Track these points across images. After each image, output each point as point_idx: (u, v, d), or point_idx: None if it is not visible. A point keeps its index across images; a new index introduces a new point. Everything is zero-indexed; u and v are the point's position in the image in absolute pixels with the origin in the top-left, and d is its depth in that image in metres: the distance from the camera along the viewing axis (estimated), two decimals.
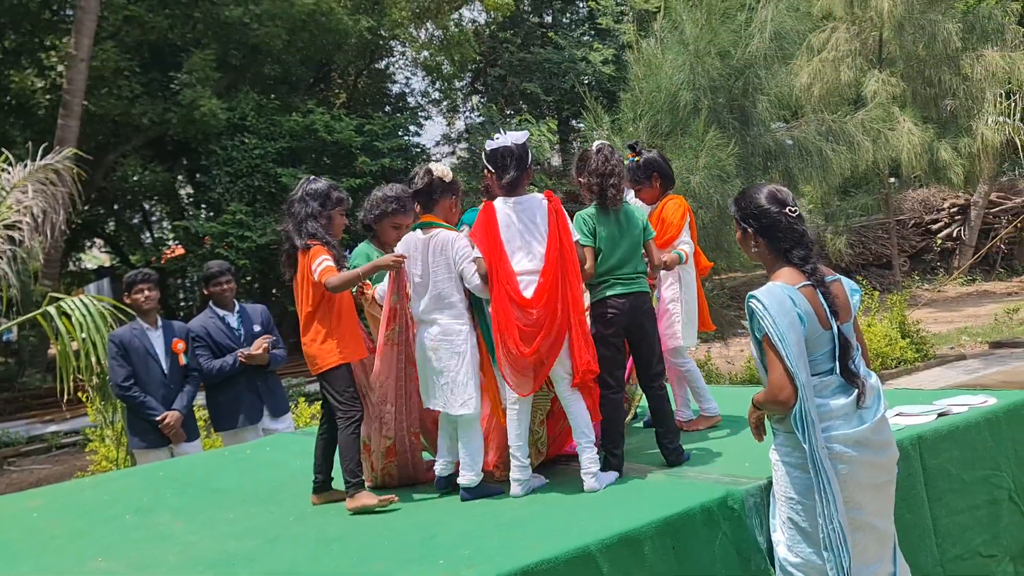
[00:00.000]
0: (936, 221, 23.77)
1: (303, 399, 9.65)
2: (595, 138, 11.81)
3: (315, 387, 15.20)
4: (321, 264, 3.84)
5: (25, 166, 8.56)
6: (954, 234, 23.42)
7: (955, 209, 23.53)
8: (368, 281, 4.24)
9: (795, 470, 3.10)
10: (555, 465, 4.24)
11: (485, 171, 4.12)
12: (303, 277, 3.95)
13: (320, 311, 3.95)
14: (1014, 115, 18.08)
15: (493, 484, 3.95)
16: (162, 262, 22.80)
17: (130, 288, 5.99)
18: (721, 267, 12.41)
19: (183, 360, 6.03)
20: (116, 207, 25.95)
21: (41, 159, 8.69)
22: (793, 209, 3.16)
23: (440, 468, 4.02)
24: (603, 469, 3.85)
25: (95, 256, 31.97)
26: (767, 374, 3.10)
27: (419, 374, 4.03)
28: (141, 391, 5.85)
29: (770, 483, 3.44)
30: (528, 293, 3.79)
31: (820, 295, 3.11)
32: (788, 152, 11.33)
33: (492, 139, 4.04)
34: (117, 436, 7.55)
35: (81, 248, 27.74)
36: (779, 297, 3.05)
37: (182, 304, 25.86)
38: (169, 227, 25.93)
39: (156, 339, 5.98)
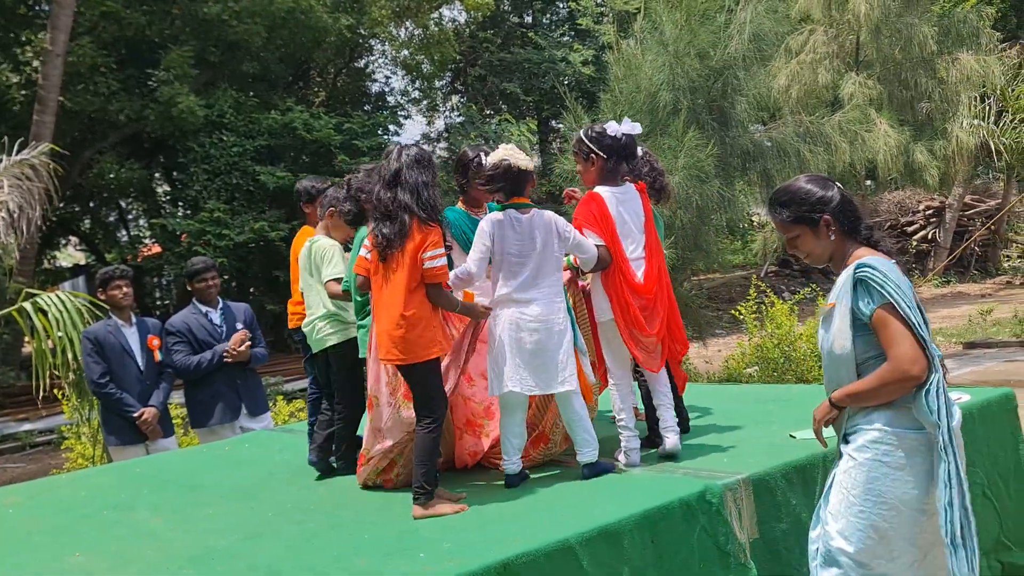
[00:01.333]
0: (912, 223, 24.02)
1: (281, 398, 9.61)
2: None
3: (293, 386, 15.17)
4: (438, 261, 3.62)
5: (0, 161, 8.48)
6: (929, 236, 23.66)
7: (930, 211, 23.78)
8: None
9: (896, 471, 2.83)
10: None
11: (591, 156, 4.07)
12: (412, 252, 3.61)
13: (419, 295, 3.64)
14: (988, 118, 18.32)
15: (605, 460, 3.96)
16: (138, 260, 22.62)
17: (106, 284, 5.94)
18: (699, 268, 12.48)
19: (158, 356, 6.00)
20: (92, 204, 25.69)
21: (17, 154, 8.60)
22: (841, 185, 3.03)
23: (514, 466, 3.89)
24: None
25: (70, 254, 31.64)
26: (874, 355, 2.82)
27: (494, 360, 3.84)
28: (117, 388, 5.81)
29: (748, 480, 3.48)
30: (639, 278, 4.02)
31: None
32: (766, 153, 11.41)
33: (604, 126, 4.08)
34: (93, 433, 7.50)
35: (56, 246, 27.44)
36: (889, 265, 2.85)
37: (158, 303, 25.66)
38: (146, 225, 25.70)
39: (131, 336, 5.95)
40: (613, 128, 4.06)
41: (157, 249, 21.58)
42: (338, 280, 4.44)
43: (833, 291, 2.93)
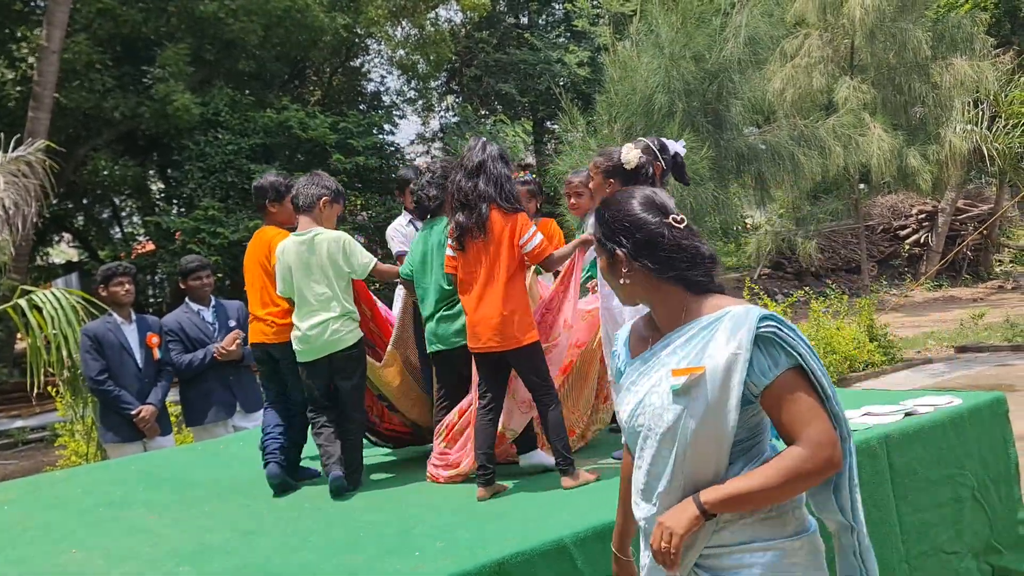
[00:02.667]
0: (904, 227, 24.12)
1: None
2: (570, 140, 11.90)
3: None
4: (536, 237, 3.82)
5: None
6: (922, 240, 23.76)
7: (923, 215, 23.88)
8: None
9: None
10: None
11: (655, 161, 4.05)
12: (501, 242, 3.79)
13: (517, 281, 3.81)
14: (981, 123, 18.36)
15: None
16: (132, 257, 22.59)
17: (108, 281, 5.93)
18: None
19: (157, 354, 6.00)
20: (85, 201, 25.64)
21: (12, 151, 8.60)
22: (679, 218, 2.18)
23: None
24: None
25: (63, 251, 31.56)
26: (745, 439, 2.10)
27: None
28: (115, 385, 5.82)
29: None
30: None
31: None
32: (761, 156, 11.48)
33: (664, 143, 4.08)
34: (87, 431, 7.50)
35: (49, 243, 27.37)
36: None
37: (151, 300, 25.61)
38: (139, 222, 25.67)
39: (130, 333, 5.95)
40: (672, 145, 4.10)
41: (151, 246, 21.54)
42: (378, 259, 4.38)
43: (692, 348, 2.09)
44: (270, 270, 4.42)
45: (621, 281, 2.18)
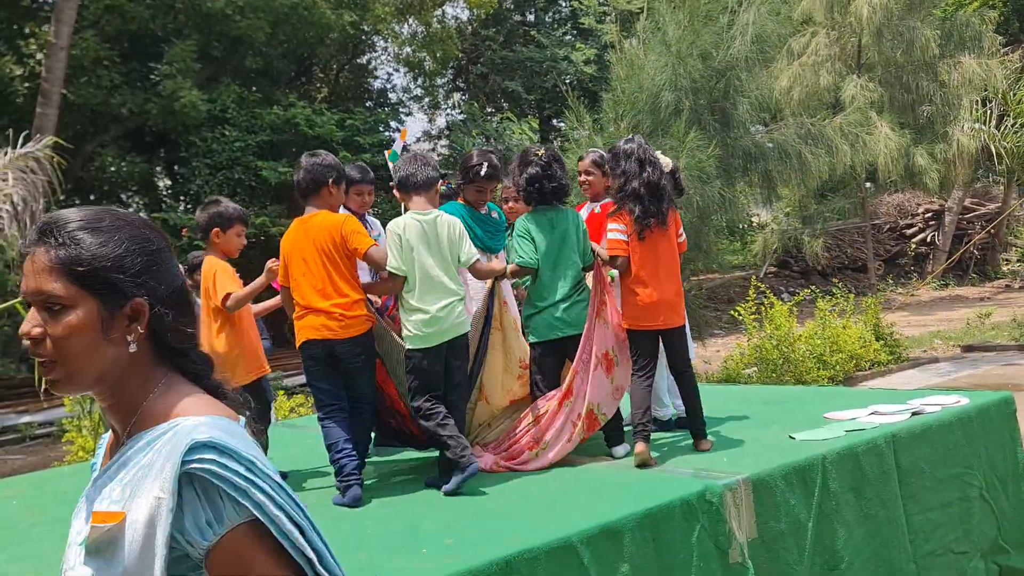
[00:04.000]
0: (911, 226, 24.08)
1: (282, 393, 9.65)
2: (576, 138, 11.90)
3: (293, 381, 15.19)
4: (683, 235, 4.51)
5: (5, 154, 8.51)
6: (928, 239, 23.72)
7: (930, 214, 23.84)
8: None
9: None
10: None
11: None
12: (675, 230, 4.41)
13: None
14: (989, 122, 18.35)
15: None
16: None
17: None
18: (699, 268, 12.52)
19: None
20: (93, 197, 25.67)
21: (21, 147, 8.64)
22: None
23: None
24: None
25: None
26: None
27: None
28: None
29: (747, 480, 3.50)
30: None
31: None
32: (768, 154, 11.45)
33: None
34: (94, 426, 7.53)
35: None
36: (246, 438, 1.43)
37: None
38: (147, 219, 25.73)
39: None
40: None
41: None
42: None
43: (119, 481, 1.42)
44: (338, 257, 4.03)
45: (126, 347, 1.42)
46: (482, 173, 4.47)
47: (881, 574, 3.82)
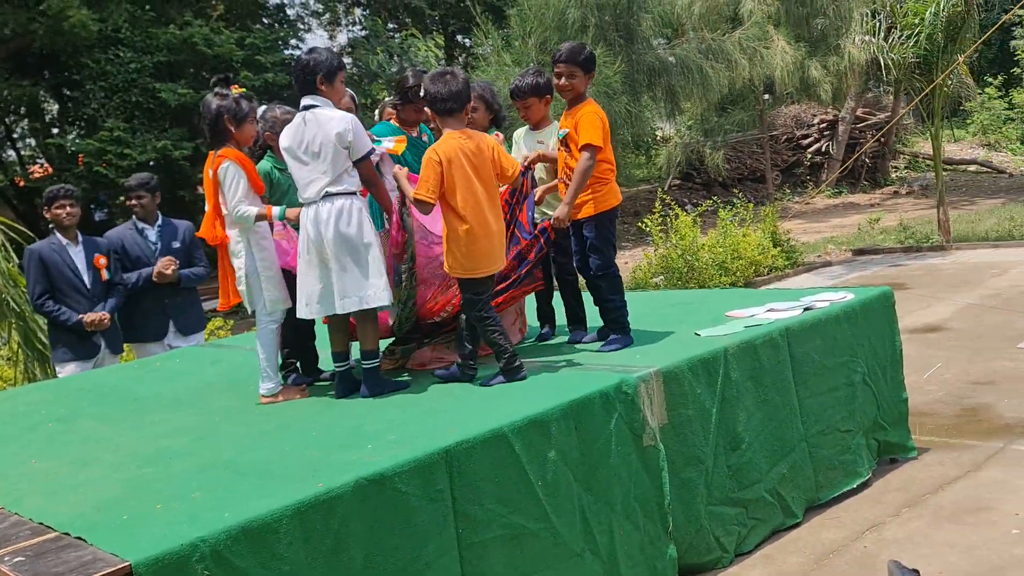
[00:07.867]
0: (807, 136, 24.87)
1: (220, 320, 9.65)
2: (483, 54, 11.94)
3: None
4: None
5: None
6: (823, 149, 24.57)
7: (824, 124, 24.64)
8: None
9: None
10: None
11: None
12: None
13: None
14: (879, 34, 18.93)
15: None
16: (31, 180, 21.82)
17: (50, 203, 5.98)
18: None
19: (105, 275, 6.04)
20: None
21: None
22: None
23: None
24: None
25: None
26: None
27: None
28: (56, 304, 5.87)
29: (659, 372, 3.86)
30: None
31: None
32: (671, 69, 11.76)
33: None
34: (13, 355, 7.52)
35: None
36: None
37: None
38: (35, 144, 24.65)
39: (77, 254, 5.98)
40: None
41: (50, 170, 20.82)
42: None
43: None
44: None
45: None
46: (422, 93, 4.37)
47: (777, 452, 4.26)
